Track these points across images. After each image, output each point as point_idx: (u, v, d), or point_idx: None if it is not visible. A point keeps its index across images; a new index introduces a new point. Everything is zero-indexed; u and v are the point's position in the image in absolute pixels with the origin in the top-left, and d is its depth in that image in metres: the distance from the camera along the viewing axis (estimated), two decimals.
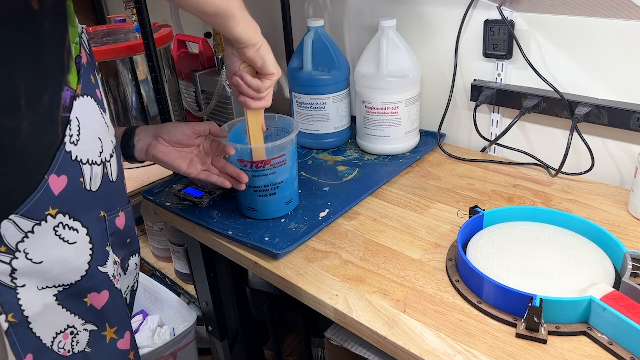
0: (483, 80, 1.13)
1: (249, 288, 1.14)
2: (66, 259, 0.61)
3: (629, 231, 0.85)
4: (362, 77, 1.12)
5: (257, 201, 0.92)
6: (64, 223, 0.60)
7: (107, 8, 2.28)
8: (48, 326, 0.61)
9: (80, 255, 0.63)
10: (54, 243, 0.60)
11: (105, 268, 0.66)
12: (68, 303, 0.63)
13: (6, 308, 0.57)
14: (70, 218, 0.61)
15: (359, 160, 1.15)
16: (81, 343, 0.65)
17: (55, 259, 0.60)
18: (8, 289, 0.57)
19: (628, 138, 0.97)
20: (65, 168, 0.59)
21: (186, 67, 1.42)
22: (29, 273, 0.58)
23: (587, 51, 0.97)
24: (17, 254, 0.57)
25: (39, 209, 0.58)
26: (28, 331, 0.59)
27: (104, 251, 0.66)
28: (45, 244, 0.59)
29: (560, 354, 0.63)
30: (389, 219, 0.93)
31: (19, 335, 0.59)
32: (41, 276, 0.60)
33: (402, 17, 1.19)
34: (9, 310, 0.57)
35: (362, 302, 0.74)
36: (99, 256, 0.65)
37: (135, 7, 1.03)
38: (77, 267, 0.62)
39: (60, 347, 0.63)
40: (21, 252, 0.57)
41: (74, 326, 0.64)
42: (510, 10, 1.04)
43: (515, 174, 1.06)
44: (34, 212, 0.57)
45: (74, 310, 0.64)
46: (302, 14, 1.43)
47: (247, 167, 0.89)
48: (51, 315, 0.61)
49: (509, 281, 0.70)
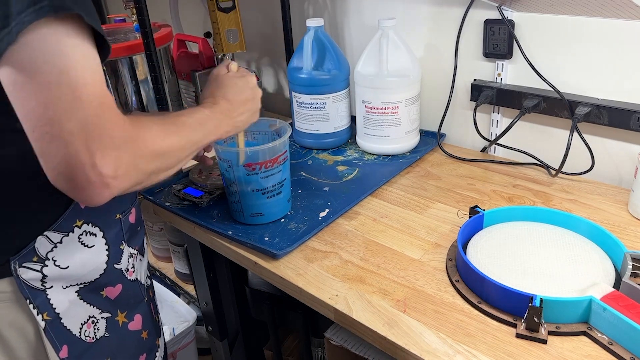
0: (483, 80, 1.13)
1: (249, 288, 1.14)
2: (87, 262, 0.67)
3: (629, 231, 0.85)
4: (362, 77, 1.11)
5: (264, 204, 0.91)
6: (86, 231, 0.66)
7: (107, 8, 2.28)
8: (75, 319, 0.68)
9: (99, 256, 0.69)
10: (78, 249, 0.66)
11: (120, 265, 0.72)
12: (88, 297, 0.69)
13: (41, 309, 0.64)
14: (92, 225, 0.67)
15: (359, 160, 1.15)
16: (101, 330, 0.71)
17: (79, 262, 0.66)
18: (40, 292, 0.64)
19: (628, 138, 0.97)
20: None
21: (186, 67, 1.42)
22: (57, 277, 0.65)
23: (587, 51, 0.97)
24: (46, 262, 0.63)
25: (69, 223, 0.64)
26: (60, 326, 0.66)
27: (119, 250, 0.72)
28: (70, 251, 0.65)
29: (561, 354, 0.63)
30: (389, 219, 0.93)
31: (55, 330, 0.65)
32: (67, 278, 0.66)
33: (402, 17, 1.19)
34: (44, 310, 0.64)
35: (362, 302, 0.74)
36: (114, 255, 0.71)
37: (135, 7, 1.03)
38: (96, 268, 0.69)
39: (87, 336, 0.69)
40: (50, 260, 0.64)
41: (94, 316, 0.70)
42: (511, 10, 1.04)
43: (516, 174, 1.06)
44: (64, 226, 0.64)
45: (93, 303, 0.70)
46: (302, 14, 1.43)
47: (257, 169, 0.88)
48: (76, 309, 0.68)
49: (509, 281, 0.70)
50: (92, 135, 0.49)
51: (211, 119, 0.71)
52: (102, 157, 0.50)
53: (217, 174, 1.07)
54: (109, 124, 0.51)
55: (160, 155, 0.58)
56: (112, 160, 0.51)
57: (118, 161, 0.51)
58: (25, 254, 0.62)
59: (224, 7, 1.19)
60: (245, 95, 0.80)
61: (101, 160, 0.50)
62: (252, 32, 1.56)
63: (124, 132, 0.53)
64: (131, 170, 0.53)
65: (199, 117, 0.69)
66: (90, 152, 0.49)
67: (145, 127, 0.57)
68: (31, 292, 0.63)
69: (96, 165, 0.50)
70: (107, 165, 0.50)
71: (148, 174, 0.57)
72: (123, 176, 0.52)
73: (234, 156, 0.87)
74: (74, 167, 0.49)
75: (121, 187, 0.53)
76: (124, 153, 0.52)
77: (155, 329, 0.82)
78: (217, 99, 0.75)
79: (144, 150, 0.55)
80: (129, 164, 0.53)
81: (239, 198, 0.91)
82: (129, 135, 0.53)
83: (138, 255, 0.77)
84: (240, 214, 0.93)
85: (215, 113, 0.73)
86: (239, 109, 0.77)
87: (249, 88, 0.81)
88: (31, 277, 0.62)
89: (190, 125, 0.66)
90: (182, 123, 0.65)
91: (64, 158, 0.49)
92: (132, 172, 0.54)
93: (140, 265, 0.79)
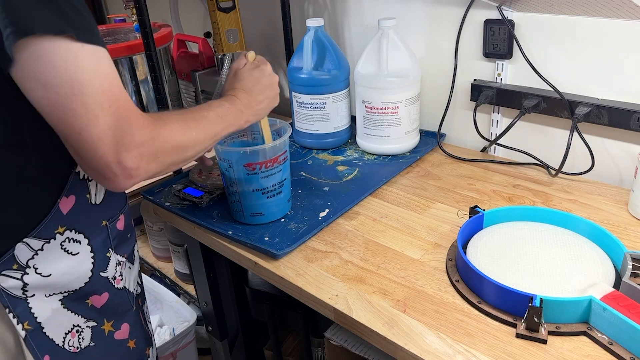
0: (483, 80, 1.13)
1: (249, 288, 1.14)
2: (71, 269, 0.66)
3: (629, 231, 0.85)
4: (362, 77, 1.11)
5: (264, 204, 0.91)
6: (69, 237, 0.65)
7: (106, 8, 2.28)
8: (58, 328, 0.66)
9: (83, 264, 0.67)
10: (61, 256, 0.64)
11: (106, 273, 0.70)
12: (72, 305, 0.67)
13: (21, 318, 0.62)
14: (76, 232, 0.66)
15: (359, 160, 1.15)
16: (86, 339, 0.70)
17: (62, 270, 0.65)
18: (20, 300, 0.62)
19: (628, 138, 0.97)
20: (73, 188, 0.64)
21: (186, 67, 1.42)
22: (39, 285, 0.63)
23: (587, 51, 0.97)
24: (27, 270, 0.62)
25: (50, 229, 0.63)
26: (42, 335, 0.64)
27: (105, 258, 0.70)
28: (53, 258, 0.64)
29: (561, 354, 0.63)
30: (389, 219, 0.93)
31: (36, 340, 0.64)
32: (49, 287, 0.64)
33: (402, 17, 1.19)
34: (24, 319, 0.63)
35: (362, 302, 0.74)
36: (100, 263, 0.69)
37: (135, 7, 1.03)
38: (81, 276, 0.67)
39: (70, 345, 0.68)
40: (31, 267, 0.62)
41: (79, 325, 0.68)
42: (511, 10, 1.04)
43: (516, 174, 1.06)
44: (45, 233, 0.63)
45: (77, 312, 0.68)
46: (302, 14, 1.43)
47: (257, 169, 0.88)
48: (59, 318, 0.66)
49: (509, 281, 0.70)
50: (116, 138, 0.55)
51: (231, 111, 0.76)
52: (126, 154, 0.56)
53: (217, 174, 1.07)
54: (130, 125, 0.56)
55: (179, 149, 0.64)
56: (135, 156, 0.57)
57: (140, 156, 0.57)
58: (4, 261, 0.60)
59: (224, 7, 1.19)
60: (263, 83, 0.84)
61: (125, 157, 0.56)
62: (252, 32, 1.56)
63: (144, 131, 0.58)
64: (152, 162, 0.59)
65: (219, 111, 0.74)
66: (115, 152, 0.55)
67: (165, 124, 0.62)
68: (11, 300, 0.61)
69: (121, 162, 0.56)
70: (131, 161, 0.56)
71: (167, 164, 0.63)
72: (145, 168, 0.58)
73: (234, 156, 0.87)
74: (104, 165, 0.56)
75: (143, 176, 0.59)
76: (145, 149, 0.58)
77: (145, 338, 0.79)
78: (236, 92, 0.80)
79: (164, 145, 0.61)
80: (150, 158, 0.59)
81: (239, 198, 0.91)
82: (149, 132, 0.58)
83: (127, 263, 0.75)
84: (240, 213, 0.93)
85: (235, 105, 0.77)
86: (257, 98, 0.82)
87: (265, 76, 0.85)
88: (11, 285, 0.61)
89: (211, 119, 0.71)
90: (202, 117, 0.70)
91: (94, 158, 0.55)
92: (152, 164, 0.59)
93: (130, 273, 0.76)
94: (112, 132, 0.55)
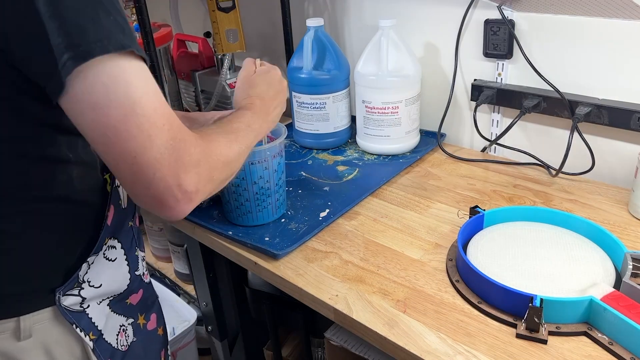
0: (483, 80, 1.13)
1: (249, 288, 1.14)
2: (114, 276, 0.68)
3: (629, 231, 0.85)
4: (362, 77, 1.11)
5: (258, 205, 0.91)
6: (109, 245, 0.66)
7: None
8: (112, 331, 0.68)
9: (121, 268, 0.69)
10: (105, 265, 0.65)
11: (138, 271, 0.73)
12: (116, 307, 0.70)
13: (87, 330, 0.64)
14: (113, 239, 0.67)
15: (359, 160, 1.15)
16: (130, 336, 0.72)
17: (109, 279, 0.67)
18: (81, 314, 0.63)
19: (628, 138, 0.97)
20: (112, 198, 0.65)
21: (186, 67, 1.42)
22: (92, 297, 0.65)
23: (587, 51, 0.97)
24: (83, 285, 0.63)
25: (101, 243, 0.64)
26: (104, 342, 0.66)
27: (135, 257, 0.72)
28: (100, 269, 0.65)
29: (561, 354, 0.63)
30: (389, 219, 0.93)
31: (100, 347, 0.65)
32: (101, 296, 0.66)
33: (402, 17, 1.19)
34: (89, 331, 0.64)
35: (362, 302, 0.74)
36: (133, 263, 0.71)
37: (135, 7, 1.03)
38: (124, 279, 0.70)
39: (122, 345, 0.70)
40: (85, 282, 0.64)
41: (123, 324, 0.71)
42: (511, 10, 1.04)
43: (516, 174, 1.06)
44: (98, 248, 0.64)
45: (121, 312, 0.71)
46: (302, 14, 1.43)
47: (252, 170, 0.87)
48: (111, 322, 0.68)
49: (510, 281, 0.70)
50: (174, 158, 0.51)
51: (255, 119, 0.74)
52: (186, 176, 0.52)
53: None
54: (185, 144, 0.53)
55: (229, 164, 0.62)
56: (194, 177, 0.53)
57: (198, 177, 0.54)
58: (69, 282, 0.61)
59: (224, 7, 1.19)
60: (275, 89, 0.83)
61: (185, 180, 0.52)
62: (252, 32, 1.56)
63: (198, 149, 0.55)
64: (208, 182, 0.56)
65: (246, 120, 0.71)
66: (175, 174, 0.51)
67: (214, 140, 0.60)
68: (74, 316, 0.62)
69: (181, 185, 0.52)
70: (190, 183, 0.53)
71: (220, 182, 0.61)
72: (203, 189, 0.55)
73: None
74: (163, 189, 0.51)
75: (201, 199, 0.56)
76: (202, 168, 0.55)
77: (164, 322, 0.83)
78: (252, 99, 0.78)
79: (217, 162, 0.58)
80: (207, 177, 0.56)
81: (234, 198, 0.91)
82: (203, 150, 0.56)
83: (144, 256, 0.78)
84: (233, 214, 0.93)
85: (256, 113, 0.75)
86: (272, 104, 0.80)
87: (277, 82, 0.84)
88: (72, 302, 0.62)
89: (243, 130, 0.69)
90: (237, 130, 0.67)
91: (153, 182, 0.51)
92: (208, 184, 0.57)
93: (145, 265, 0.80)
94: (169, 152, 0.51)
